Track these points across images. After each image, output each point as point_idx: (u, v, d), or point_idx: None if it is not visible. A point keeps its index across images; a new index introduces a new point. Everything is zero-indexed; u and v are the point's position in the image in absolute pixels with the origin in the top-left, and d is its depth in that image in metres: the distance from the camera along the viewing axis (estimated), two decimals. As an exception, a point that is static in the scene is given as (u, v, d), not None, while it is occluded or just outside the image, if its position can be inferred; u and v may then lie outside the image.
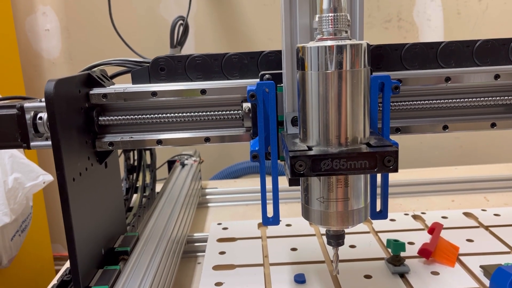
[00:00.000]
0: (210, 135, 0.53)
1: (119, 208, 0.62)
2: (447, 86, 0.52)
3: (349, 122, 0.40)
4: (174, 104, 0.53)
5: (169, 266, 0.59)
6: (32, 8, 1.30)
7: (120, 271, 0.53)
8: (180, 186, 0.84)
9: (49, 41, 1.32)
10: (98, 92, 0.51)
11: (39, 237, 1.23)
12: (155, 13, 1.28)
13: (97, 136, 0.53)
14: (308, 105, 0.41)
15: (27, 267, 1.14)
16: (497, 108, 0.54)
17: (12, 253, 0.94)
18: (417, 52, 0.53)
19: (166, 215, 0.70)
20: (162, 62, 0.54)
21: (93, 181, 0.52)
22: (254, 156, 0.46)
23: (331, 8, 0.40)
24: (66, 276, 0.53)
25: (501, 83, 0.53)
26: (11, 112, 0.49)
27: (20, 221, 0.93)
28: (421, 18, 1.27)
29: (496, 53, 0.53)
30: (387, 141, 0.41)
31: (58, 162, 0.44)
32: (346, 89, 0.39)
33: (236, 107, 0.53)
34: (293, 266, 0.61)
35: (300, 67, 0.41)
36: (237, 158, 1.33)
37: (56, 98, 0.44)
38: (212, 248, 0.68)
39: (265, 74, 0.50)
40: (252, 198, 0.92)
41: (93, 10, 1.28)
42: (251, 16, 1.28)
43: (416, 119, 0.54)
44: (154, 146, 0.54)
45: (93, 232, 0.52)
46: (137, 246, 0.59)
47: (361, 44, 0.39)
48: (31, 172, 0.89)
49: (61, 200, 0.45)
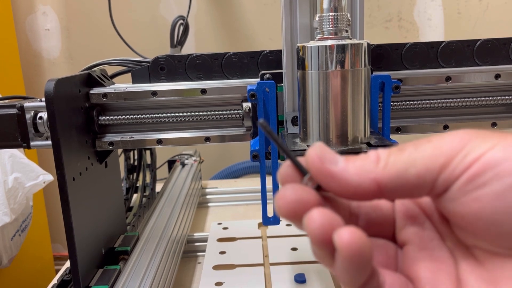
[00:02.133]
0: (210, 135, 0.53)
1: (119, 208, 0.62)
2: (448, 85, 0.52)
3: (350, 121, 0.40)
4: (174, 104, 0.53)
5: (169, 266, 0.59)
6: (32, 7, 1.30)
7: (120, 270, 0.53)
8: (180, 186, 0.84)
9: (49, 41, 1.32)
10: (98, 92, 0.51)
11: (39, 237, 1.23)
12: (155, 12, 1.28)
13: (97, 136, 0.53)
14: (309, 105, 0.41)
15: (27, 267, 1.14)
16: (497, 108, 0.54)
17: (12, 253, 0.94)
18: (417, 51, 0.52)
19: (166, 214, 0.70)
20: (162, 62, 0.54)
21: (93, 181, 0.52)
22: (254, 155, 0.46)
23: (331, 7, 0.40)
24: (66, 276, 0.54)
25: (501, 82, 0.52)
26: (11, 112, 0.49)
27: (20, 221, 0.93)
28: (421, 17, 1.27)
29: (496, 53, 0.53)
30: (387, 140, 0.41)
31: (58, 161, 0.44)
32: (346, 88, 0.39)
33: (236, 107, 0.53)
34: (294, 266, 0.61)
35: (300, 67, 0.41)
36: (237, 158, 1.32)
37: (56, 98, 0.44)
38: (212, 247, 0.68)
39: (265, 74, 0.50)
40: (252, 198, 0.92)
41: (93, 9, 1.28)
42: (252, 15, 1.28)
43: (416, 119, 0.54)
44: (154, 146, 0.54)
45: (93, 231, 0.52)
46: (137, 245, 0.59)
47: (361, 43, 0.39)
48: (31, 172, 0.89)
49: (61, 199, 0.45)
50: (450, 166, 0.20)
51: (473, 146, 0.19)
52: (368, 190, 0.21)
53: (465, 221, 0.20)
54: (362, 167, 0.21)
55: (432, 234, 0.23)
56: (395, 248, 0.24)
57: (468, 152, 0.19)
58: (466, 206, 0.19)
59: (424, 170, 0.20)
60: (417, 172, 0.20)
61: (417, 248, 0.22)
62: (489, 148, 0.19)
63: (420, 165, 0.20)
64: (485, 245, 0.20)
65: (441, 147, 0.20)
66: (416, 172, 0.20)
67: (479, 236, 0.20)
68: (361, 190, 0.21)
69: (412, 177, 0.20)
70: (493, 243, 0.20)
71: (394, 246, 0.24)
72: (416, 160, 0.20)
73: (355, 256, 0.18)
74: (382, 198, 0.22)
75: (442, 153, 0.20)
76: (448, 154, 0.20)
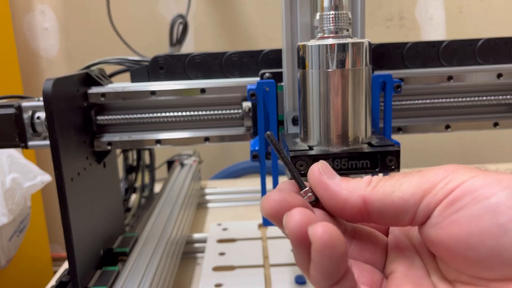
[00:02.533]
0: (209, 135, 0.52)
1: (117, 209, 0.62)
2: (449, 85, 0.52)
3: (351, 121, 0.39)
4: (173, 104, 0.53)
5: (168, 267, 0.58)
6: (30, 6, 1.29)
7: (119, 272, 0.52)
8: (180, 186, 0.83)
9: (48, 40, 1.31)
10: (96, 91, 0.51)
11: (37, 237, 1.23)
12: (154, 11, 1.28)
13: (96, 136, 0.53)
14: (309, 104, 0.40)
15: (25, 268, 1.14)
16: (499, 107, 0.54)
17: (10, 254, 0.94)
18: (419, 51, 0.52)
19: (166, 215, 0.70)
20: (161, 61, 0.53)
21: (91, 181, 0.52)
22: (254, 156, 0.46)
23: (332, 6, 0.40)
24: (64, 277, 0.53)
25: (503, 82, 0.52)
26: (8, 112, 0.49)
27: (18, 221, 0.92)
28: (423, 16, 1.26)
29: (498, 52, 0.53)
30: (388, 140, 0.41)
31: (56, 162, 0.44)
32: (347, 88, 0.39)
33: (236, 106, 0.52)
34: (294, 267, 0.61)
35: (300, 66, 0.41)
36: (237, 158, 1.32)
37: (54, 97, 0.43)
38: (212, 249, 0.68)
39: (265, 73, 0.50)
40: (252, 198, 0.92)
41: (92, 8, 1.27)
42: (251, 14, 1.27)
43: (418, 119, 0.53)
44: (153, 146, 0.53)
45: (91, 232, 0.51)
46: (136, 246, 0.59)
47: (362, 42, 0.39)
48: (29, 172, 0.88)
49: (59, 200, 0.45)
50: (432, 192, 0.21)
51: (455, 175, 0.21)
52: (355, 205, 0.23)
53: (444, 248, 0.21)
54: (353, 185, 0.23)
55: (419, 268, 0.24)
56: (381, 277, 0.25)
57: (451, 179, 0.21)
58: (445, 230, 0.20)
59: (409, 195, 0.22)
60: (402, 195, 0.22)
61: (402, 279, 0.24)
62: (471, 177, 0.20)
63: (405, 189, 0.22)
64: (465, 278, 0.21)
65: (426, 176, 0.22)
66: (401, 195, 0.22)
67: (458, 265, 0.21)
68: (349, 205, 0.23)
69: (397, 200, 0.22)
70: (471, 272, 0.20)
71: (381, 275, 0.25)
72: (402, 185, 0.22)
73: (327, 248, 0.20)
74: (370, 220, 0.23)
75: (427, 181, 0.21)
76: (432, 181, 0.21)
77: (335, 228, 0.20)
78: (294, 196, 0.23)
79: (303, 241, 0.20)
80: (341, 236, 0.20)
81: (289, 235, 0.21)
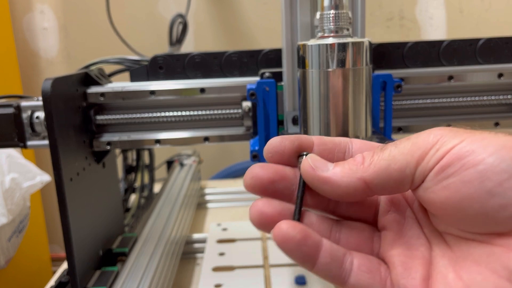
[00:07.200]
0: (209, 135, 0.52)
1: (117, 209, 0.62)
2: (450, 85, 0.52)
3: (351, 121, 0.39)
4: (173, 103, 0.53)
5: (168, 267, 0.58)
6: (29, 6, 1.29)
7: (118, 272, 0.52)
8: (179, 187, 0.83)
9: (47, 40, 1.31)
10: (95, 91, 0.51)
11: (36, 238, 1.22)
12: (154, 11, 1.28)
13: (95, 136, 0.52)
14: (309, 104, 0.40)
15: (24, 268, 1.14)
16: (500, 107, 0.54)
17: (9, 254, 0.93)
18: (419, 50, 0.52)
19: (165, 215, 0.70)
20: (161, 61, 0.53)
21: (90, 181, 0.52)
22: (254, 155, 0.46)
23: (332, 5, 0.39)
24: (63, 277, 0.53)
25: (504, 81, 0.52)
26: (7, 111, 0.49)
27: (17, 221, 0.92)
28: (423, 16, 1.26)
29: (499, 52, 0.52)
30: (389, 140, 0.40)
31: (55, 162, 0.44)
32: (347, 87, 0.39)
33: (236, 106, 0.52)
34: (294, 268, 0.60)
35: (300, 65, 0.40)
36: (237, 158, 1.32)
37: (54, 97, 0.43)
38: (212, 249, 0.67)
39: (265, 73, 0.50)
40: (252, 198, 0.91)
41: (91, 8, 1.27)
42: (251, 13, 1.27)
43: (418, 118, 0.53)
44: (153, 146, 0.53)
45: (91, 232, 0.51)
46: (136, 247, 0.59)
47: (363, 41, 0.39)
48: (28, 172, 0.88)
49: (59, 200, 0.44)
50: (425, 159, 0.22)
51: (444, 141, 0.22)
52: (357, 188, 0.23)
53: (436, 208, 0.22)
54: (350, 169, 0.24)
55: (411, 221, 0.25)
56: (371, 232, 0.26)
57: (440, 146, 0.22)
58: (437, 194, 0.22)
59: (404, 165, 0.22)
60: (397, 167, 0.23)
61: (395, 234, 0.25)
62: (458, 142, 0.21)
63: (400, 160, 0.23)
64: (454, 230, 0.23)
65: (417, 143, 0.23)
66: (397, 167, 0.23)
67: (448, 222, 0.23)
68: (352, 190, 0.23)
69: (395, 172, 0.23)
70: (459, 227, 0.22)
71: (371, 230, 0.26)
72: (396, 156, 0.23)
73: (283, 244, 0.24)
74: (372, 195, 0.24)
75: (419, 147, 0.22)
76: (424, 148, 0.22)
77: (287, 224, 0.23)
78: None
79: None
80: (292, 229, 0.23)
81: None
